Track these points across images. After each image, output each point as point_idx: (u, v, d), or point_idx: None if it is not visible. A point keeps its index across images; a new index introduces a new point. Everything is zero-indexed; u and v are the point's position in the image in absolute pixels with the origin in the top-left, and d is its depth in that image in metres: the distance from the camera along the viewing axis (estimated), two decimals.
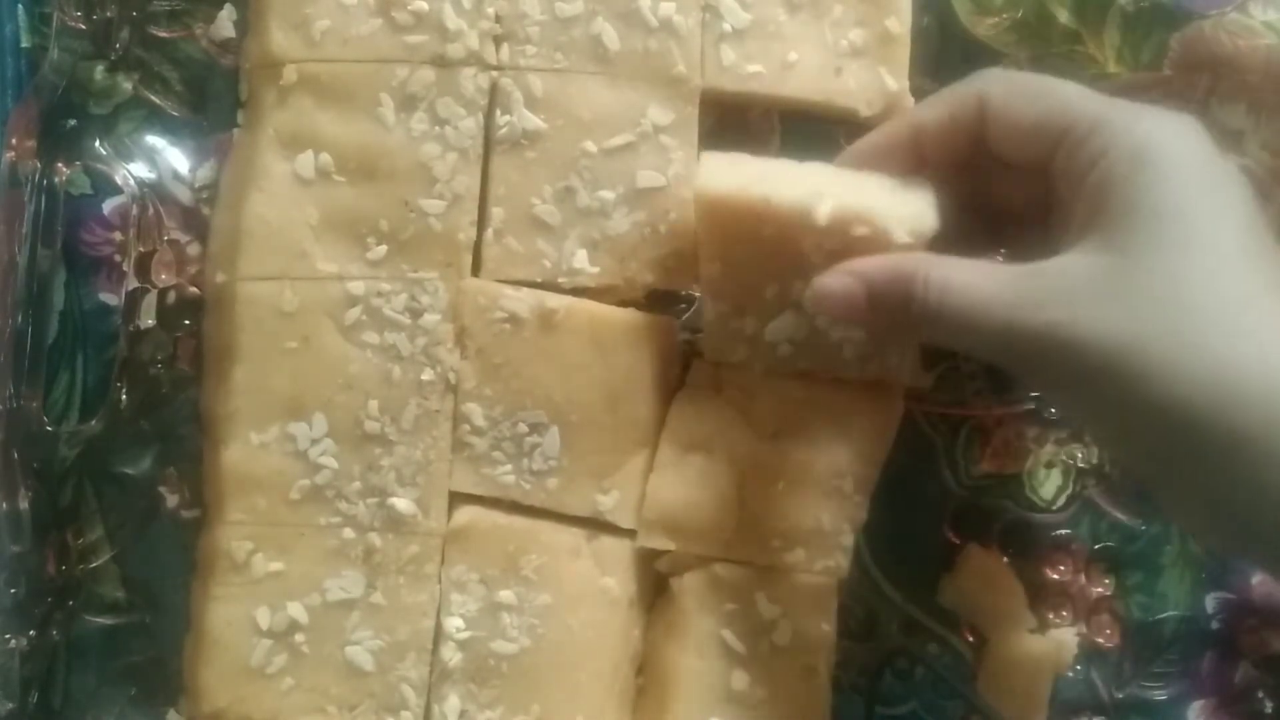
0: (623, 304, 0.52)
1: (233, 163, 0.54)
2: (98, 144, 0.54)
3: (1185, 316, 0.39)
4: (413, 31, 0.51)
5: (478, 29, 0.51)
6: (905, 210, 0.46)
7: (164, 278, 0.54)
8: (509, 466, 0.51)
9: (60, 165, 0.54)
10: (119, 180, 0.54)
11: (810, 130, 0.55)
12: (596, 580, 0.51)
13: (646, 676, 0.52)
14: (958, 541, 0.55)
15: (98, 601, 0.54)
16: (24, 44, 0.54)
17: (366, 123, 0.51)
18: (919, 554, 0.55)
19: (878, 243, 0.45)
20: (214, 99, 0.55)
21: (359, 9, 0.51)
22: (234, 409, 0.51)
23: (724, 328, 0.50)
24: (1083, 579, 0.56)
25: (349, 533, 0.50)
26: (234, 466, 0.51)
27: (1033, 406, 0.56)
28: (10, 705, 0.52)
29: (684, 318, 0.55)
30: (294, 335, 0.50)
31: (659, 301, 0.54)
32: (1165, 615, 0.56)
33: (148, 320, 0.54)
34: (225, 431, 0.51)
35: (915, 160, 0.48)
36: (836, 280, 0.45)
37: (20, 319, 0.53)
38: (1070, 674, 0.55)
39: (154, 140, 0.55)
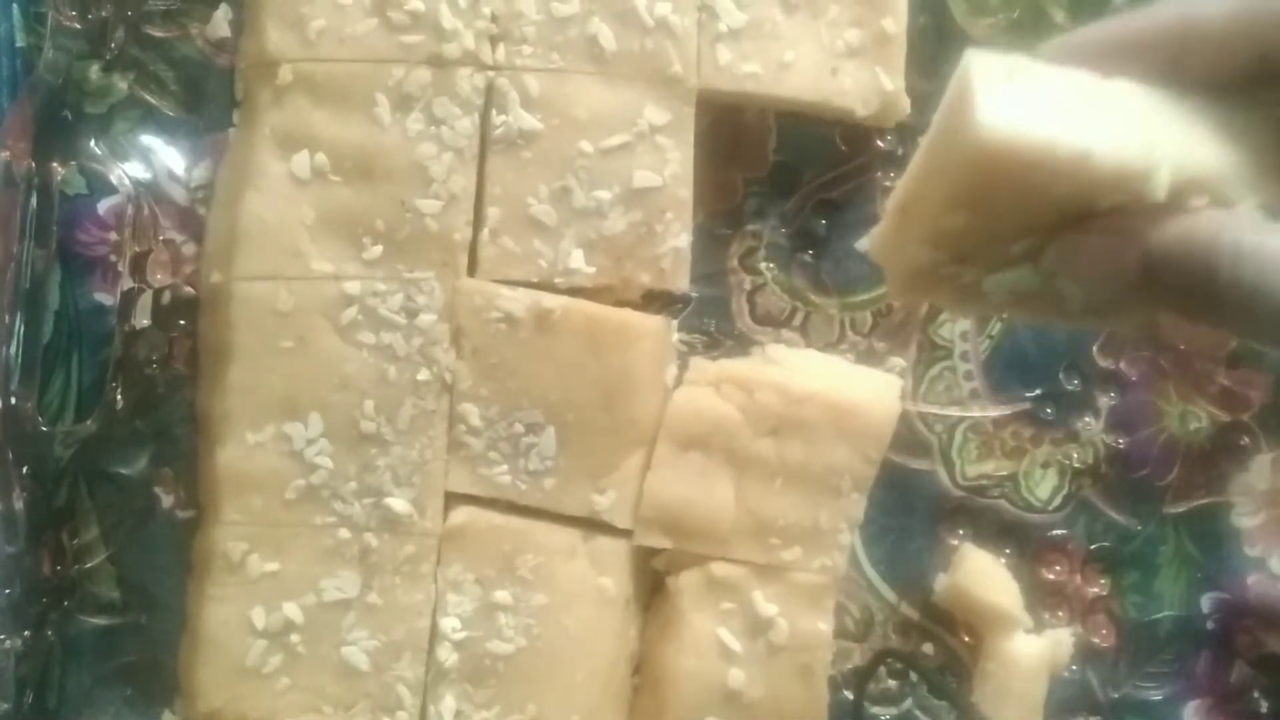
0: (619, 304, 0.52)
1: (228, 162, 0.54)
2: (93, 143, 0.54)
3: None
4: (409, 31, 0.51)
5: (474, 29, 0.51)
6: (1247, 167, 0.34)
7: (159, 278, 0.54)
8: (505, 466, 0.51)
9: (55, 165, 0.54)
10: (114, 180, 0.54)
11: (806, 130, 0.55)
12: (593, 580, 0.51)
13: (642, 676, 0.52)
14: (954, 541, 0.55)
15: (93, 602, 0.54)
16: (19, 43, 0.54)
17: (362, 122, 0.51)
18: (915, 553, 0.55)
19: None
20: (209, 99, 0.55)
21: (355, 8, 0.51)
22: (229, 409, 0.50)
23: (930, 273, 0.39)
24: (1078, 579, 0.56)
25: (345, 533, 0.50)
26: (229, 466, 0.50)
27: (1028, 407, 0.56)
28: (5, 706, 0.52)
29: (679, 317, 0.55)
30: (289, 335, 0.50)
31: (655, 301, 0.54)
32: (1161, 615, 0.56)
33: (143, 320, 0.54)
34: (221, 431, 0.51)
35: (1172, 71, 0.35)
36: (1101, 243, 0.35)
37: (15, 319, 0.53)
38: (1066, 674, 0.55)
39: (149, 140, 0.55)
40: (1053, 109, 0.33)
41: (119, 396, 0.54)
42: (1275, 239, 0.33)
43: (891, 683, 0.55)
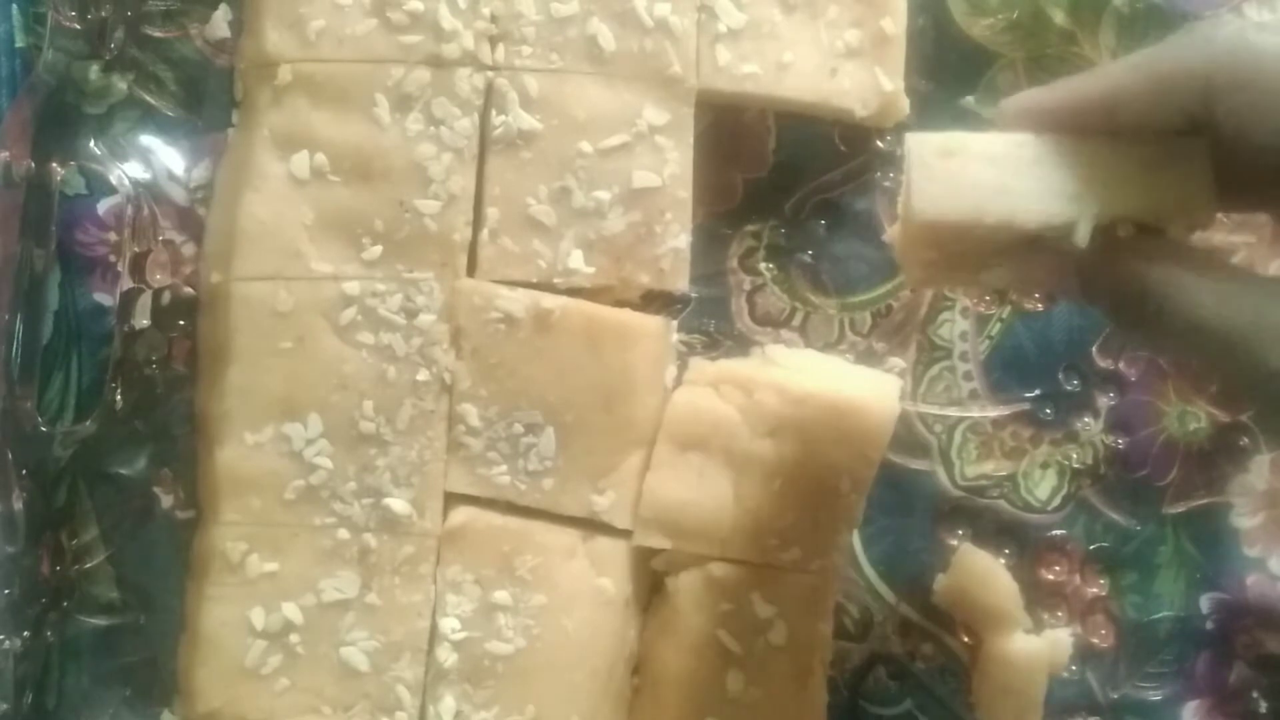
0: (618, 304, 0.52)
1: (227, 163, 0.54)
2: (92, 144, 0.54)
3: None
4: (408, 31, 0.51)
5: (473, 29, 0.51)
6: (1178, 198, 0.38)
7: (159, 278, 0.54)
8: (504, 467, 0.51)
9: (55, 165, 0.54)
10: (114, 180, 0.54)
11: (806, 130, 0.55)
12: (592, 580, 0.51)
13: (642, 677, 0.52)
14: (953, 541, 0.55)
15: (92, 602, 0.54)
16: (19, 44, 0.54)
17: (362, 123, 0.51)
18: (914, 554, 0.55)
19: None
20: (209, 99, 0.55)
21: (354, 9, 0.51)
22: (228, 409, 0.50)
23: (930, 275, 0.47)
24: (1078, 579, 0.56)
25: (344, 533, 0.50)
26: (229, 467, 0.50)
27: (1028, 407, 0.56)
28: (4, 706, 0.52)
29: (679, 318, 0.55)
30: (289, 335, 0.50)
31: (654, 302, 0.54)
32: (1160, 616, 0.56)
33: (142, 320, 0.54)
34: (220, 432, 0.51)
35: (1106, 129, 0.39)
36: (1045, 261, 0.40)
37: (15, 319, 0.53)
38: (1065, 674, 0.55)
39: (149, 140, 0.55)
40: (983, 181, 0.39)
41: (118, 397, 0.54)
42: (1176, 265, 0.37)
43: (891, 683, 0.55)
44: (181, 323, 0.54)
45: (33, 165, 0.53)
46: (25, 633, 0.53)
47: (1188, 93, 0.37)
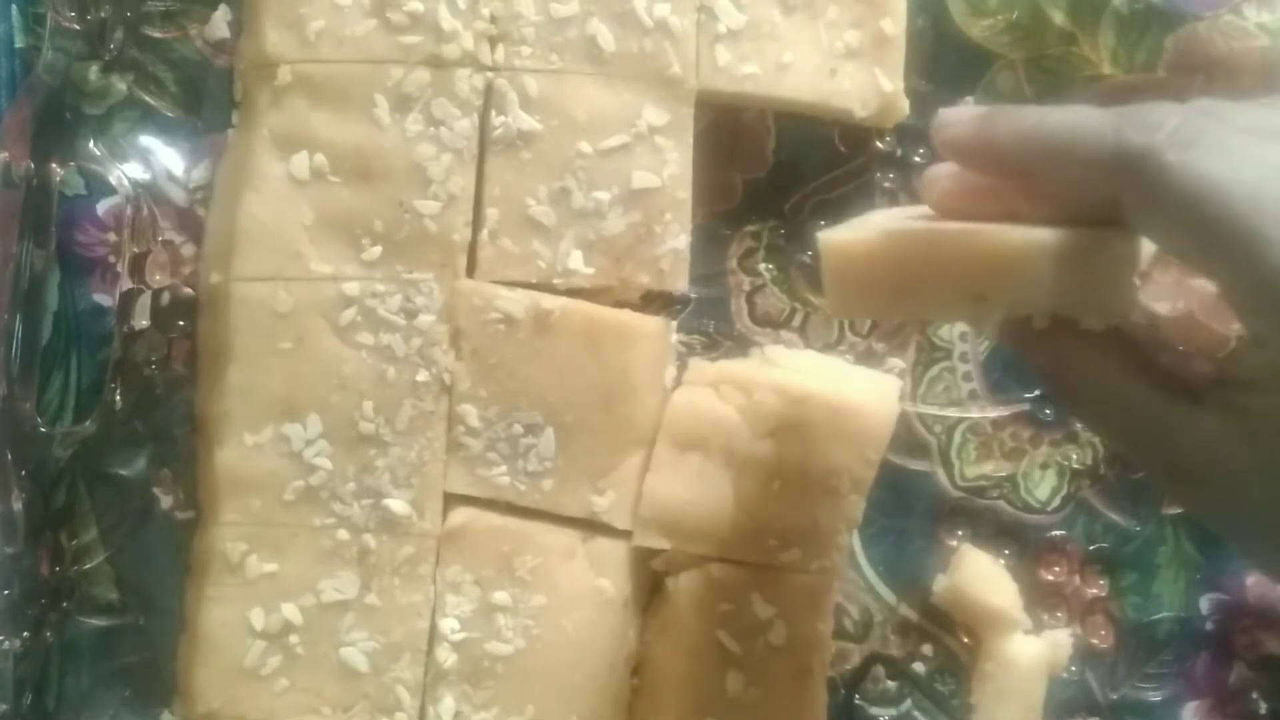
0: (618, 305, 0.52)
1: (227, 163, 0.54)
2: (92, 144, 0.54)
3: None
4: (408, 32, 0.51)
5: (473, 30, 0.51)
6: (1096, 295, 0.38)
7: (158, 278, 0.54)
8: (504, 467, 0.51)
9: (54, 166, 0.54)
10: (113, 181, 0.54)
11: (805, 131, 0.55)
12: (591, 581, 0.51)
13: (641, 678, 0.52)
14: (953, 542, 0.55)
15: (92, 603, 0.54)
16: (18, 44, 0.54)
17: (361, 123, 0.51)
18: (914, 554, 0.55)
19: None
20: (209, 99, 0.55)
21: (354, 9, 0.51)
22: (228, 410, 0.50)
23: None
24: (1077, 580, 0.56)
25: (343, 534, 0.50)
26: (228, 467, 0.50)
27: (1027, 408, 0.56)
28: (3, 707, 0.52)
29: (679, 318, 0.55)
30: (288, 336, 0.50)
31: (654, 302, 0.54)
32: (1160, 616, 0.56)
33: (142, 321, 0.54)
34: (219, 432, 0.51)
35: (1030, 171, 0.39)
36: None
37: (14, 320, 0.53)
38: (1065, 675, 0.55)
39: (148, 141, 0.55)
40: (888, 284, 0.39)
41: (118, 397, 0.54)
42: (1089, 361, 0.39)
43: (890, 684, 0.55)
44: (181, 323, 0.54)
45: (32, 165, 0.53)
46: (25, 633, 0.53)
47: (1114, 169, 0.36)
